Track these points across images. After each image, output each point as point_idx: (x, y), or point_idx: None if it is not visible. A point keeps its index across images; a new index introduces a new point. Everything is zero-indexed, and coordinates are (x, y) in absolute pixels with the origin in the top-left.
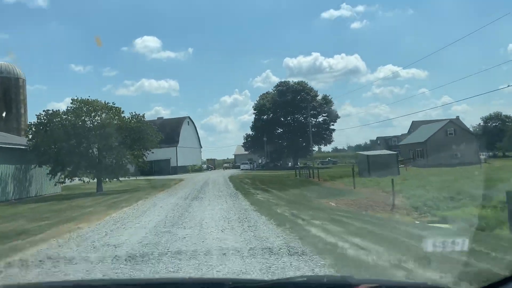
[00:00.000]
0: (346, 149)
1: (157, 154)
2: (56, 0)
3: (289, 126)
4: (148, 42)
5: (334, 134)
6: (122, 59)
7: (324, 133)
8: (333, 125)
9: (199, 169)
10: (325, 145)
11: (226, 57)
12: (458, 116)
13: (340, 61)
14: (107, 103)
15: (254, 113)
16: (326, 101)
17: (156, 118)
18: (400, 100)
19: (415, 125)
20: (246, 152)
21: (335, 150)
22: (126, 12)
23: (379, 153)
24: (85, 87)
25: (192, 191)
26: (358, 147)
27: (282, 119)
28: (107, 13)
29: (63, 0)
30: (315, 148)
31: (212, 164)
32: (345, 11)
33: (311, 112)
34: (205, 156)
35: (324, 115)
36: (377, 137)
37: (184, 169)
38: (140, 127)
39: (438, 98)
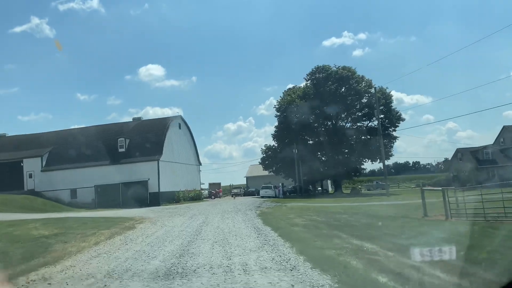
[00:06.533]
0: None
1: (127, 171)
2: (62, 31)
3: (329, 135)
4: (152, 71)
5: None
6: (126, 88)
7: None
8: (394, 131)
9: (197, 197)
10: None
11: (229, 85)
12: None
13: None
14: None
15: (276, 116)
16: (384, 95)
17: (131, 119)
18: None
19: (508, 131)
20: (266, 172)
21: None
22: (130, 41)
23: None
24: (90, 116)
25: None
26: (378, 172)
27: (321, 121)
28: (111, 42)
29: (68, 31)
30: (364, 165)
31: (217, 190)
32: (347, 38)
33: (361, 112)
34: (206, 179)
35: (381, 116)
36: (456, 149)
37: (172, 197)
38: None
39: (443, 124)
